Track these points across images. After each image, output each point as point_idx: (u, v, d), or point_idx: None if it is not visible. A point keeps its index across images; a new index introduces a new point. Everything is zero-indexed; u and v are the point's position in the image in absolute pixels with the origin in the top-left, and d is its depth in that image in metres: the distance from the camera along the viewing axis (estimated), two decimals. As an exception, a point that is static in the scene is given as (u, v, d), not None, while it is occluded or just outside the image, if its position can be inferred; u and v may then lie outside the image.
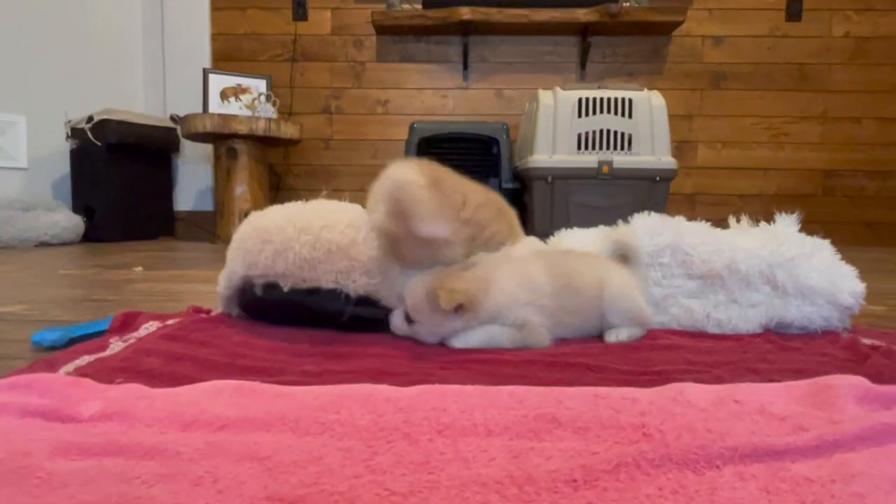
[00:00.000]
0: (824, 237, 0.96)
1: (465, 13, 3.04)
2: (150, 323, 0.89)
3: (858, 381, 0.59)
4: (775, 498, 0.40)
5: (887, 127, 3.26)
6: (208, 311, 1.02)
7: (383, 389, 0.58)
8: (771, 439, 0.47)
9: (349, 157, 3.40)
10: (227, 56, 3.40)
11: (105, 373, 0.65)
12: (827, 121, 3.26)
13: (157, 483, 0.41)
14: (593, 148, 2.45)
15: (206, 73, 3.06)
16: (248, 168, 2.91)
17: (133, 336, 0.84)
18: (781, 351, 0.80)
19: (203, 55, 3.37)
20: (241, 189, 2.88)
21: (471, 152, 2.66)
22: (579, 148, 2.45)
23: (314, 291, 0.85)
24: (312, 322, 0.88)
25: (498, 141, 2.64)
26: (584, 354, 0.76)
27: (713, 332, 0.89)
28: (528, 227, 2.27)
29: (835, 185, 3.29)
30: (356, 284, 0.85)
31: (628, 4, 3.04)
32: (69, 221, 2.87)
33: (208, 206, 3.41)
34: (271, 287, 0.88)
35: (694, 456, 0.44)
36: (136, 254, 2.38)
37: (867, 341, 0.84)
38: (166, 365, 0.70)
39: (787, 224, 0.98)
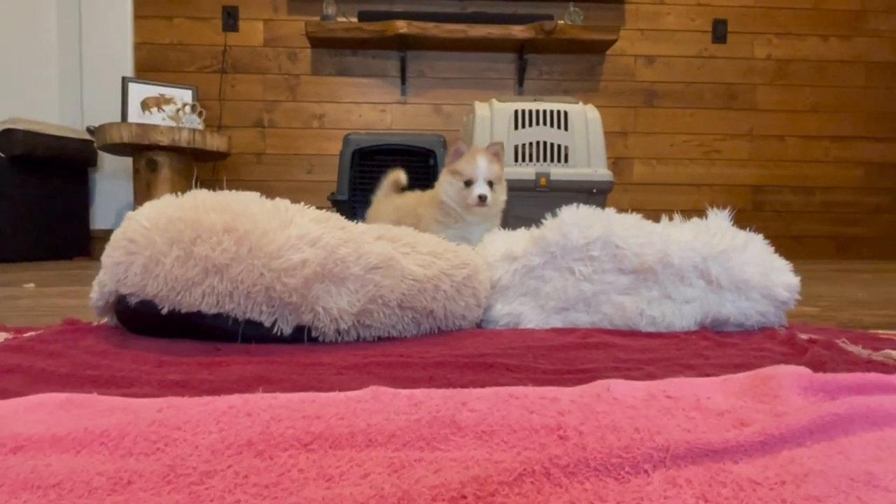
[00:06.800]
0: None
1: (402, 27, 2.99)
2: (-3, 335, 0.75)
3: (801, 371, 0.53)
4: (715, 507, 0.32)
5: (809, 145, 3.40)
6: (87, 324, 0.87)
7: (251, 399, 0.47)
8: (708, 437, 0.39)
9: (283, 171, 3.25)
10: (151, 66, 3.22)
11: None
12: (754, 138, 3.37)
13: None
14: (530, 160, 2.42)
15: (125, 81, 2.87)
16: (171, 181, 2.72)
17: (-32, 350, 0.69)
18: (718, 347, 0.73)
19: (125, 65, 3.18)
20: (162, 204, 2.69)
21: (407, 165, 2.57)
22: (516, 160, 2.41)
23: (196, 314, 0.71)
24: (200, 337, 0.74)
25: (435, 153, 2.57)
26: (504, 355, 0.67)
27: (647, 330, 0.83)
28: (466, 240, 2.18)
29: (764, 200, 3.39)
30: (241, 307, 0.69)
31: (563, 22, 3.07)
32: (-36, 240, 2.59)
33: (129, 224, 3.18)
34: (147, 303, 0.74)
35: (617, 460, 0.36)
36: (39, 273, 2.16)
37: (804, 336, 0.79)
38: (-9, 380, 0.56)
39: (719, 218, 0.93)
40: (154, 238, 0.69)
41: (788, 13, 3.37)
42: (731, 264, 0.83)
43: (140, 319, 0.75)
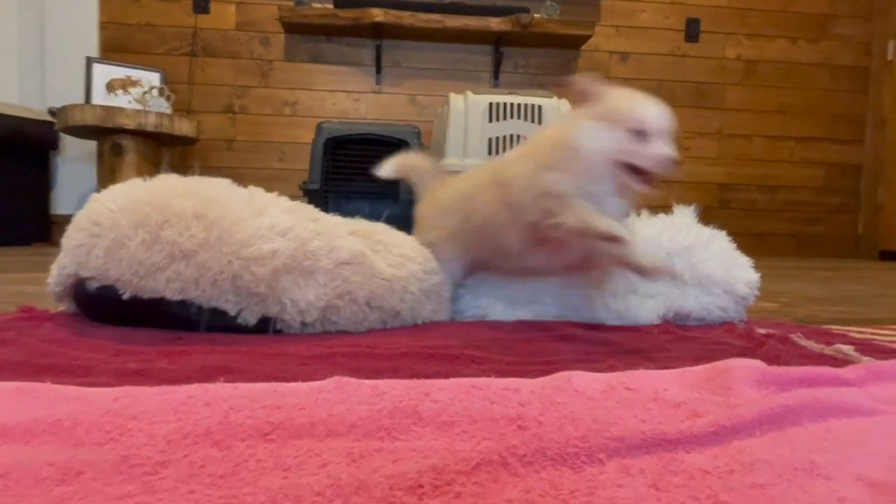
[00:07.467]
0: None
1: (378, 15, 2.96)
2: (-53, 322, 0.72)
3: (755, 364, 0.54)
4: (665, 495, 0.33)
5: (774, 144, 3.49)
6: (44, 312, 0.85)
7: (211, 388, 0.46)
8: (663, 427, 0.40)
9: (253, 159, 3.20)
10: (117, 47, 3.12)
11: None
12: (722, 137, 3.44)
13: None
14: (504, 153, 2.43)
15: (89, 61, 2.78)
16: (137, 167, 2.65)
17: (-85, 337, 0.66)
18: (679, 340, 0.75)
19: (90, 45, 3.07)
20: (127, 189, 2.62)
21: (380, 155, 2.56)
22: (490, 152, 2.42)
23: (158, 301, 0.69)
24: (162, 326, 0.72)
25: (408, 144, 2.56)
26: (470, 346, 0.67)
27: (612, 322, 0.84)
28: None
29: (730, 198, 3.47)
30: (206, 295, 0.68)
31: (539, 16, 3.08)
32: (-85, 223, 2.48)
33: (92, 209, 3.09)
34: (108, 288, 0.72)
35: (573, 449, 0.36)
36: (-6, 258, 2.08)
37: (762, 331, 0.82)
38: (-61, 368, 0.54)
39: (684, 214, 0.95)
40: (120, 221, 0.68)
41: (759, 15, 3.43)
42: (694, 260, 0.85)
43: (100, 306, 0.73)
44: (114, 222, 0.68)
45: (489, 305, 0.90)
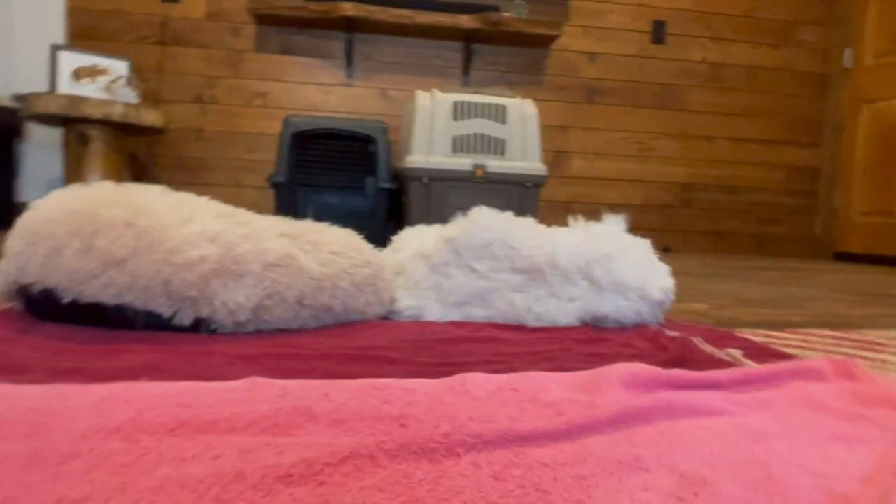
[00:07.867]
0: (683, 245, 1.00)
1: (349, 9, 2.98)
2: None
3: (633, 368, 0.61)
4: (501, 484, 0.39)
5: (736, 146, 3.60)
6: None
7: (132, 387, 0.51)
8: (520, 425, 0.46)
9: (223, 150, 3.20)
10: (86, 34, 3.09)
11: None
12: (686, 138, 3.54)
13: None
14: (468, 151, 2.48)
15: (54, 49, 2.76)
16: (103, 156, 2.65)
17: None
18: (590, 342, 0.82)
19: (57, 31, 3.04)
20: (93, 180, 2.62)
21: (347, 150, 2.60)
22: (455, 150, 2.47)
23: (97, 305, 0.73)
24: (105, 325, 0.77)
25: (375, 139, 2.60)
26: (391, 347, 0.73)
27: (534, 325, 0.90)
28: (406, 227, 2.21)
29: (692, 197, 3.57)
30: (141, 300, 0.72)
31: (509, 15, 3.13)
32: None
33: (59, 197, 3.07)
34: (49, 292, 0.75)
35: (436, 445, 0.42)
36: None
37: (671, 333, 0.89)
38: None
39: (613, 223, 1.02)
40: (55, 230, 0.72)
41: (723, 19, 3.53)
42: (612, 267, 0.91)
43: (44, 307, 0.77)
44: (49, 231, 0.72)
45: (425, 306, 0.96)
